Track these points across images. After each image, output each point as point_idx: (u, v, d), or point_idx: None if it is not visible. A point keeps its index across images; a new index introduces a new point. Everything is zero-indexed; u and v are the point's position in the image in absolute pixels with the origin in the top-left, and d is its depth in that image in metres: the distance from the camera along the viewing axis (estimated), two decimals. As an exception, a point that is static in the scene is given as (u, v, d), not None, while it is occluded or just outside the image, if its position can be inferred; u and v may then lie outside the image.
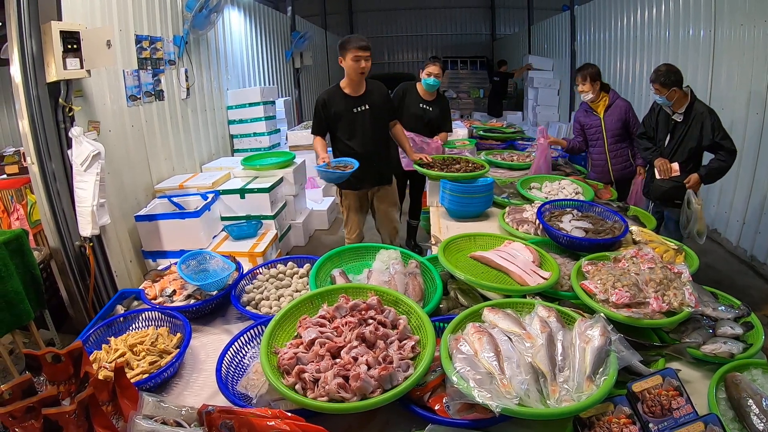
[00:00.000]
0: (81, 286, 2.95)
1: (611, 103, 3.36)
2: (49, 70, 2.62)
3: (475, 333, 1.16)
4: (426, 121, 3.69)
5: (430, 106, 3.72)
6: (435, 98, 3.76)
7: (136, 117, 3.67)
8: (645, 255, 1.56)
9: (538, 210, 2.06)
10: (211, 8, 4.48)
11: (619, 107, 3.33)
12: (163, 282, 1.76)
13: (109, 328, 1.51)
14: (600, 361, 1.08)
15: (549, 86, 9.15)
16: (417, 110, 3.70)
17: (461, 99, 11.91)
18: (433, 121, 3.72)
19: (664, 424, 1.03)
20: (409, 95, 3.74)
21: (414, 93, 3.74)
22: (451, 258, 1.71)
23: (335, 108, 2.94)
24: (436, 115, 3.73)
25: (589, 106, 3.43)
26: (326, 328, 1.24)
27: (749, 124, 3.85)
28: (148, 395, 1.04)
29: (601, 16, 7.09)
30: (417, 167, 2.91)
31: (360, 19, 15.08)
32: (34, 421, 0.87)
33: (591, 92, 3.32)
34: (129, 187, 3.55)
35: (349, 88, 2.95)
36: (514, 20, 13.97)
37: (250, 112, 5.48)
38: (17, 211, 3.44)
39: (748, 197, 3.92)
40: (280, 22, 8.09)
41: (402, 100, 3.72)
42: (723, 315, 1.41)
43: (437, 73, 3.61)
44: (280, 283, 1.72)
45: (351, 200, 3.15)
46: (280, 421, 0.90)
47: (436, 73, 3.61)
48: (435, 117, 3.73)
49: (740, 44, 3.93)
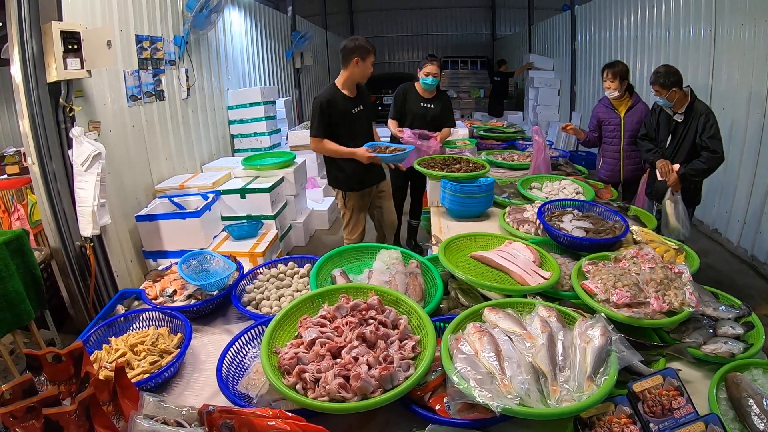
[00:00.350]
0: (81, 286, 2.95)
1: (633, 104, 3.38)
2: (49, 70, 2.63)
3: (476, 333, 1.16)
4: (428, 119, 3.73)
5: (431, 104, 3.76)
6: (435, 95, 3.79)
7: (137, 117, 3.68)
8: (646, 255, 1.56)
9: (538, 210, 2.06)
10: (211, 8, 4.48)
11: (639, 110, 3.35)
12: (163, 282, 1.76)
13: (110, 328, 1.51)
14: (600, 361, 1.08)
15: (549, 86, 9.15)
16: (419, 109, 3.74)
17: (461, 99, 11.90)
18: (436, 118, 3.76)
19: (664, 424, 1.03)
20: (409, 95, 3.77)
21: (414, 92, 3.77)
22: (452, 258, 1.71)
23: (338, 108, 2.94)
24: (438, 112, 3.77)
25: (611, 103, 3.44)
26: (327, 328, 1.24)
27: (750, 124, 3.85)
28: (148, 395, 1.04)
29: (601, 15, 7.09)
30: (418, 167, 2.91)
31: (360, 19, 15.09)
32: (34, 421, 0.87)
33: (617, 90, 3.33)
34: (129, 187, 3.56)
35: (347, 90, 2.97)
36: (515, 20, 13.98)
37: (250, 112, 5.49)
38: (18, 211, 3.44)
39: (748, 197, 3.91)
40: (281, 22, 8.09)
41: (403, 101, 3.76)
42: (724, 315, 1.41)
43: (435, 72, 3.63)
44: (281, 283, 1.72)
45: (355, 201, 3.15)
46: (280, 421, 0.90)
47: (434, 73, 3.63)
48: (437, 114, 3.76)
49: (741, 44, 3.93)
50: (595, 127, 3.58)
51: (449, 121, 3.84)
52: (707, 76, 4.40)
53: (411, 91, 3.77)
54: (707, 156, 2.76)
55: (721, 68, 4.25)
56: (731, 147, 4.03)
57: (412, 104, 3.75)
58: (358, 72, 2.91)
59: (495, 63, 11.37)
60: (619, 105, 3.41)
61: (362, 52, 2.87)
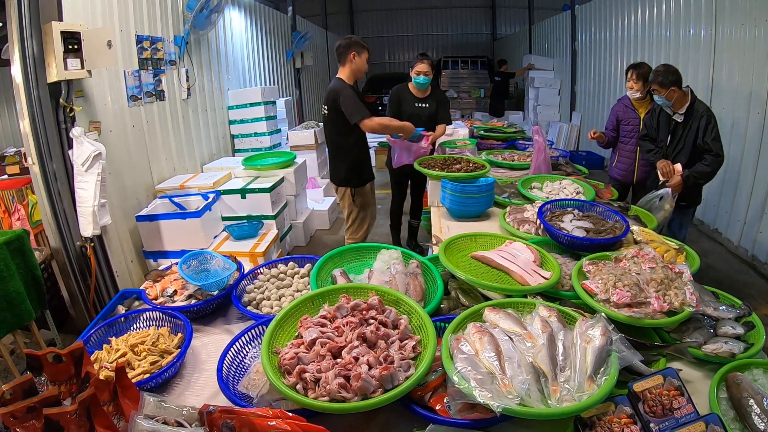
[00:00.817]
0: (82, 286, 2.96)
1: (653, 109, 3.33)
2: (50, 71, 2.63)
3: (476, 333, 1.16)
4: (424, 118, 3.69)
5: (426, 103, 3.73)
6: (429, 94, 3.76)
7: (137, 117, 3.68)
8: (646, 255, 1.55)
9: (539, 210, 2.06)
10: (211, 8, 4.48)
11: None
12: (164, 282, 1.76)
13: (110, 328, 1.51)
14: (601, 361, 1.08)
15: (550, 86, 9.15)
16: (414, 109, 3.71)
17: (462, 99, 11.90)
18: (432, 117, 3.73)
19: (665, 423, 1.03)
20: (403, 96, 3.74)
21: (408, 93, 3.74)
22: (452, 258, 1.71)
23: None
24: (434, 110, 3.74)
25: (632, 102, 3.44)
26: (327, 328, 1.24)
27: (750, 124, 3.85)
28: (149, 395, 1.04)
29: (601, 15, 7.09)
30: (418, 167, 2.91)
31: (360, 19, 15.09)
32: (35, 421, 0.87)
33: (640, 91, 3.34)
34: (130, 187, 3.56)
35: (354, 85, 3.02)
36: (515, 20, 13.98)
37: (250, 112, 5.49)
38: (18, 211, 3.44)
39: (749, 197, 3.91)
40: (281, 22, 8.09)
41: (398, 103, 3.73)
42: (724, 315, 1.40)
43: (426, 71, 3.61)
44: (281, 283, 1.72)
45: (363, 196, 3.16)
46: (281, 421, 0.90)
47: (425, 71, 3.60)
48: (432, 113, 3.73)
49: (741, 43, 3.93)
50: (613, 127, 3.58)
51: (444, 118, 3.80)
52: (707, 76, 4.40)
53: (405, 92, 3.74)
54: (710, 159, 2.75)
55: (721, 68, 4.24)
56: (732, 146, 4.03)
57: (407, 105, 3.71)
58: (355, 66, 2.96)
59: (495, 63, 11.37)
60: (640, 106, 3.40)
61: (357, 48, 2.93)
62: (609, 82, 6.69)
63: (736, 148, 4.00)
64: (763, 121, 3.71)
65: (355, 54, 2.93)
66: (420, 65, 3.60)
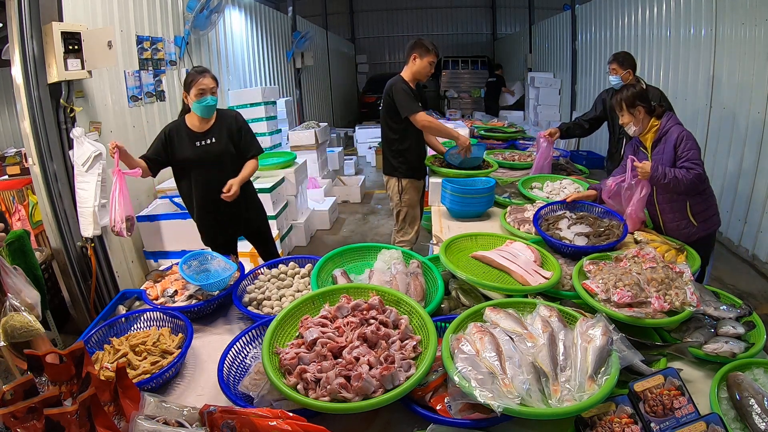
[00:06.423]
0: (83, 287, 2.96)
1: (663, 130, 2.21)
2: (50, 71, 2.63)
3: (477, 333, 1.16)
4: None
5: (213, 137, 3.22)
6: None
7: (138, 117, 3.68)
8: (646, 255, 1.55)
9: (534, 222, 2.05)
10: (212, 9, 4.48)
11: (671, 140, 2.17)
12: (164, 282, 1.76)
13: (111, 328, 1.52)
14: (602, 361, 1.08)
15: (550, 86, 9.15)
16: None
17: (462, 99, 11.92)
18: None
19: (665, 423, 1.03)
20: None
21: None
22: (453, 258, 1.71)
23: None
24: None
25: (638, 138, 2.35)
26: (328, 328, 1.24)
27: (750, 123, 3.85)
28: (149, 395, 1.04)
29: (602, 15, 7.08)
30: (429, 165, 2.99)
31: (360, 19, 15.09)
32: (35, 422, 0.87)
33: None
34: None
35: (412, 84, 2.96)
36: (515, 20, 13.96)
37: (251, 113, 5.48)
38: (19, 211, 3.45)
39: (749, 197, 3.91)
40: (281, 23, 8.09)
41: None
42: (725, 314, 1.40)
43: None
44: (282, 283, 1.72)
45: (412, 194, 3.08)
46: (281, 421, 0.90)
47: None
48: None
49: (741, 43, 3.93)
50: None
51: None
52: (708, 76, 4.39)
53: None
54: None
55: (721, 67, 4.24)
56: (732, 146, 4.03)
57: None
58: (416, 68, 2.91)
59: (492, 65, 11.56)
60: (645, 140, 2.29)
61: (420, 50, 2.89)
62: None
63: (737, 148, 4.00)
64: (763, 121, 3.71)
65: (416, 56, 2.88)
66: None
